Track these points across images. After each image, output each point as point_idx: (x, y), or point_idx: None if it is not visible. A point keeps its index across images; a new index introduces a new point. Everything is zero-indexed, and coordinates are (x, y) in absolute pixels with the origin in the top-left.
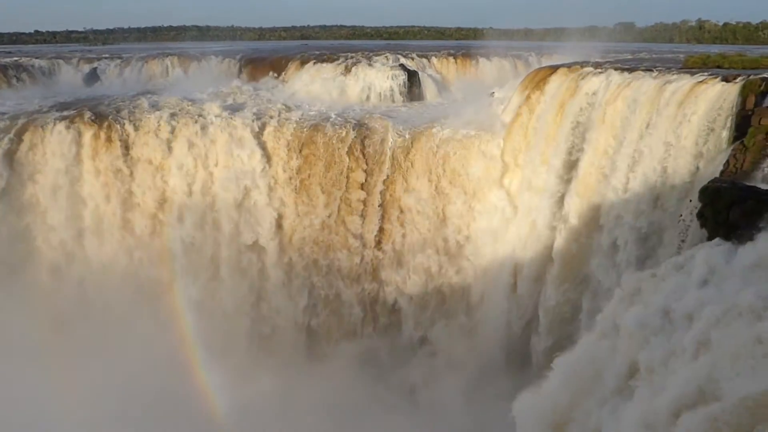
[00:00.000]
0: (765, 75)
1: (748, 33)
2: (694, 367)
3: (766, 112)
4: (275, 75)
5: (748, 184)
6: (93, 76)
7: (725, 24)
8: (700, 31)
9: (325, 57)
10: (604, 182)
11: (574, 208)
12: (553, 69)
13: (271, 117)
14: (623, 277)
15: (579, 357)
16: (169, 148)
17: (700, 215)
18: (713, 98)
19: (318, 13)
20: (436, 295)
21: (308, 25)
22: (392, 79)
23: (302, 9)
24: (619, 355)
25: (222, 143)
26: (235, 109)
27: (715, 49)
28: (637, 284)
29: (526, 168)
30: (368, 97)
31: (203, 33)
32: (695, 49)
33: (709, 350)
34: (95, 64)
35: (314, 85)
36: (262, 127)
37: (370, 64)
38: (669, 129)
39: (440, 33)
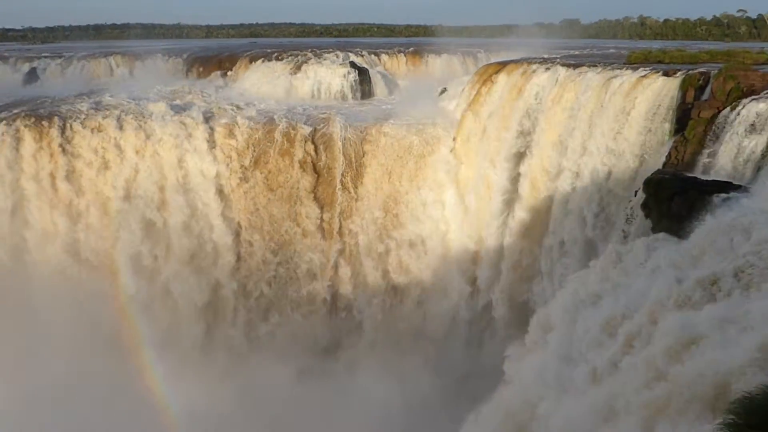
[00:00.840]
0: (703, 69)
1: (687, 29)
2: None
3: (704, 105)
4: (223, 74)
5: (689, 175)
6: (32, 76)
7: (665, 20)
8: (642, 28)
9: (275, 55)
10: (552, 175)
11: (524, 201)
12: (502, 65)
13: (220, 118)
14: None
15: None
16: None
17: (645, 206)
18: (655, 92)
19: (266, 11)
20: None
21: (257, 23)
22: (343, 77)
23: (250, 7)
24: None
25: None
26: (183, 109)
27: (656, 44)
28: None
29: (478, 164)
30: (319, 95)
31: (149, 31)
32: (638, 45)
33: None
34: (35, 63)
35: (264, 83)
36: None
37: (320, 62)
38: (614, 122)
39: (390, 30)
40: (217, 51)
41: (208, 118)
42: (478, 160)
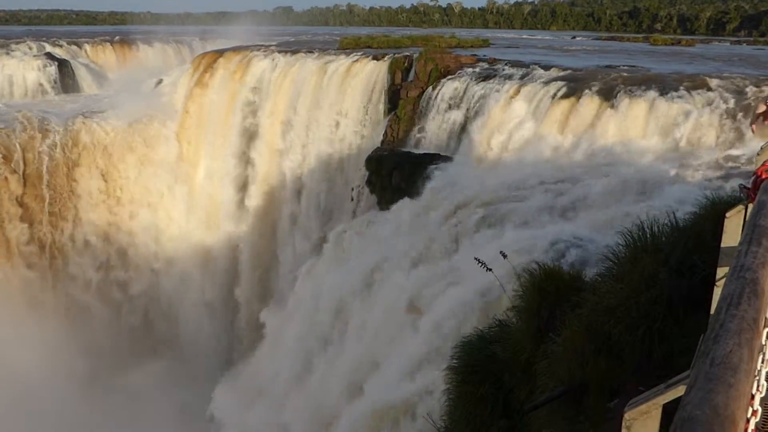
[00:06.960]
0: (407, 53)
1: (390, 16)
2: None
3: (411, 85)
4: None
5: (404, 150)
6: None
7: (371, 8)
8: (351, 15)
9: None
10: (281, 161)
11: (256, 189)
12: (220, 53)
13: None
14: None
15: None
16: None
17: (369, 182)
18: (368, 75)
19: None
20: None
21: None
22: (39, 70)
23: None
24: None
25: None
26: None
27: (364, 30)
28: None
29: (206, 156)
30: (11, 93)
31: None
32: (348, 31)
33: None
34: None
35: None
36: None
37: (8, 54)
38: (334, 106)
39: (91, 18)
40: None
41: None
42: (205, 152)
